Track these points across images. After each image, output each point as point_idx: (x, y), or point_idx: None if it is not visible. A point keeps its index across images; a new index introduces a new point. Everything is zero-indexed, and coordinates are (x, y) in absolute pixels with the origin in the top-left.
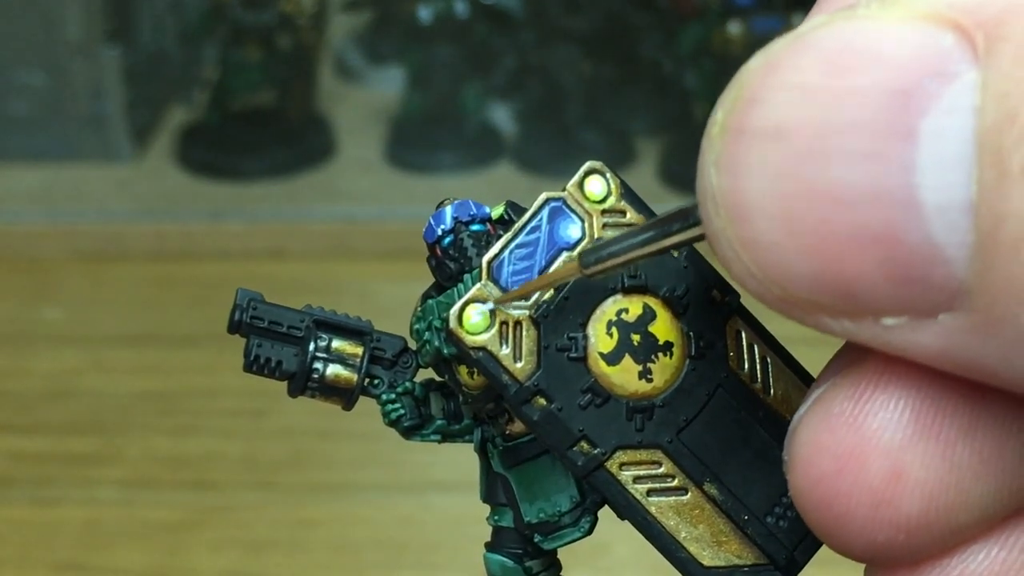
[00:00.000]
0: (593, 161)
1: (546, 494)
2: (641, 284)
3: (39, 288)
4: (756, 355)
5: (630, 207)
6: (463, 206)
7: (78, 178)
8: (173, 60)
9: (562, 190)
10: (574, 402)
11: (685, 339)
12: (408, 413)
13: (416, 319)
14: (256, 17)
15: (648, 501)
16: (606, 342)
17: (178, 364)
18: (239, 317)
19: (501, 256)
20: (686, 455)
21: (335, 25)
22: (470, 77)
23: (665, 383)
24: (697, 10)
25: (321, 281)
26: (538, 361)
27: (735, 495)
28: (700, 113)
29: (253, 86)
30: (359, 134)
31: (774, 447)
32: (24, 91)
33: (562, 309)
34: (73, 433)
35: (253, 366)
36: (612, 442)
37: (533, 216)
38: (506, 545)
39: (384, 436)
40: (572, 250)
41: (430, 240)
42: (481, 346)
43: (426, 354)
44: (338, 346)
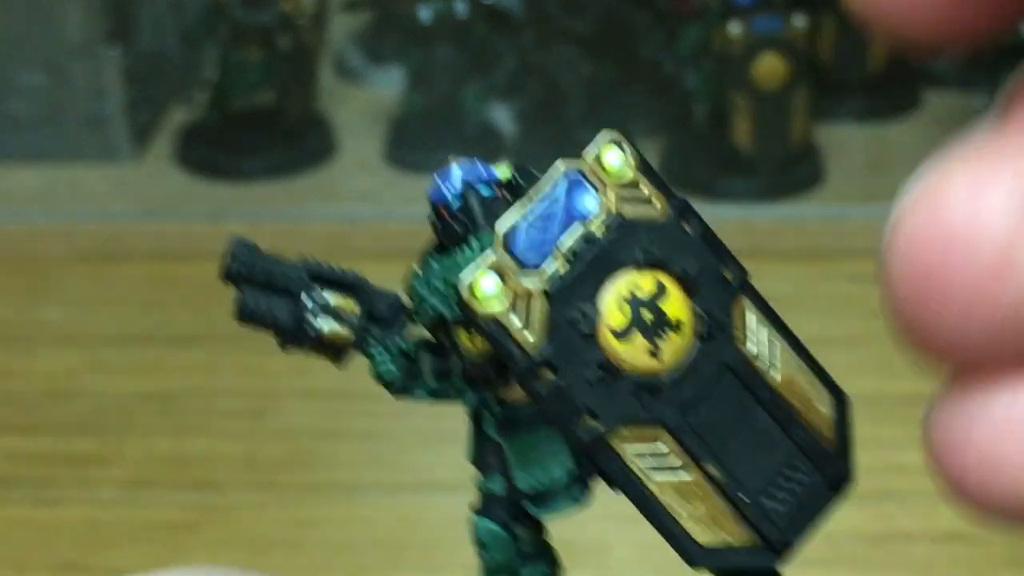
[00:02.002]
0: (610, 130)
1: (541, 463)
2: (656, 260)
3: (39, 288)
4: (763, 336)
5: (647, 180)
6: (472, 168)
7: (78, 178)
8: (173, 60)
9: (578, 159)
10: (581, 377)
11: (695, 318)
12: (400, 372)
13: (415, 279)
14: (256, 17)
15: (649, 478)
16: (617, 318)
17: (178, 364)
18: (233, 266)
19: (517, 226)
20: (689, 434)
21: (335, 25)
22: (470, 77)
23: (673, 361)
24: (697, 10)
25: None
26: (548, 334)
27: (735, 476)
28: (700, 113)
29: (253, 86)
30: (359, 134)
31: (776, 430)
32: (24, 91)
33: (576, 282)
34: (73, 433)
35: (245, 318)
36: (617, 418)
37: (550, 186)
38: (495, 511)
39: (384, 436)
40: (588, 222)
41: (436, 200)
42: (492, 316)
43: (425, 315)
44: (333, 301)
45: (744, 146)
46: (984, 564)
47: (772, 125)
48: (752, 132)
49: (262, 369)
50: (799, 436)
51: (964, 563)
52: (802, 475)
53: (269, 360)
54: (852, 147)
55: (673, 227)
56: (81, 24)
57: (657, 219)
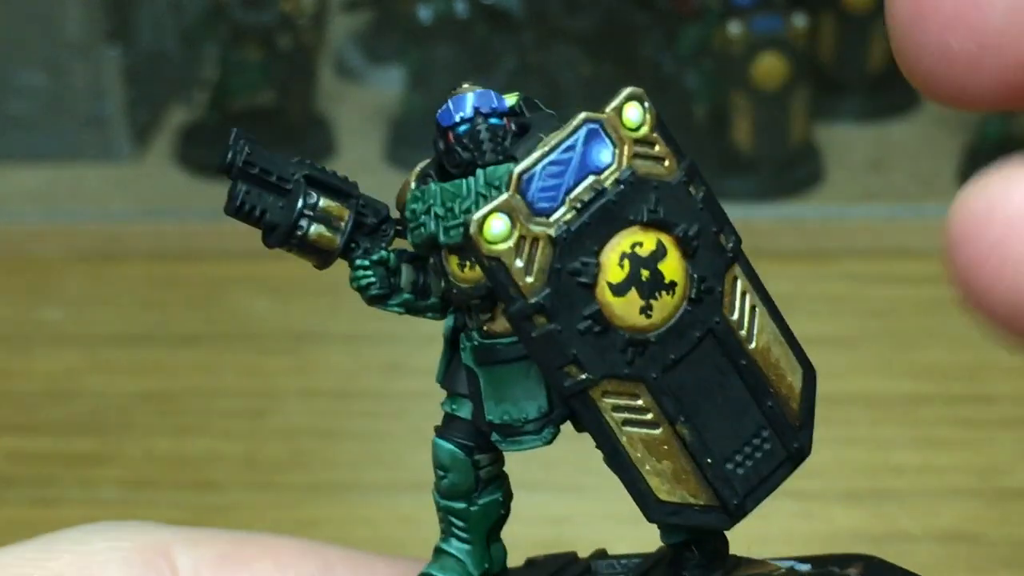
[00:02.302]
0: (634, 87)
1: (514, 399)
2: (660, 220)
3: (39, 288)
4: (747, 304)
5: (661, 140)
6: (485, 96)
7: (78, 178)
8: (173, 60)
9: (601, 112)
10: (574, 326)
11: (688, 280)
12: (378, 282)
13: (413, 198)
14: (256, 17)
15: (622, 430)
16: (616, 273)
17: (178, 364)
18: (231, 158)
19: (532, 170)
20: (666, 393)
21: (335, 25)
22: (470, 77)
23: (662, 320)
24: (697, 10)
25: (321, 281)
26: (548, 280)
27: (703, 438)
28: (700, 113)
29: (253, 86)
30: (359, 134)
31: (747, 398)
32: (24, 91)
33: (581, 233)
34: (73, 433)
35: (237, 211)
36: (602, 370)
37: (569, 135)
38: (457, 434)
39: (384, 436)
40: (600, 174)
41: (445, 123)
42: (496, 255)
43: (419, 236)
44: (325, 205)
45: (744, 146)
46: (984, 564)
47: (772, 125)
48: (752, 132)
49: (262, 369)
50: (768, 407)
51: (964, 563)
52: (766, 444)
53: (269, 360)
54: (852, 147)
55: (680, 189)
56: (81, 24)
57: (666, 178)
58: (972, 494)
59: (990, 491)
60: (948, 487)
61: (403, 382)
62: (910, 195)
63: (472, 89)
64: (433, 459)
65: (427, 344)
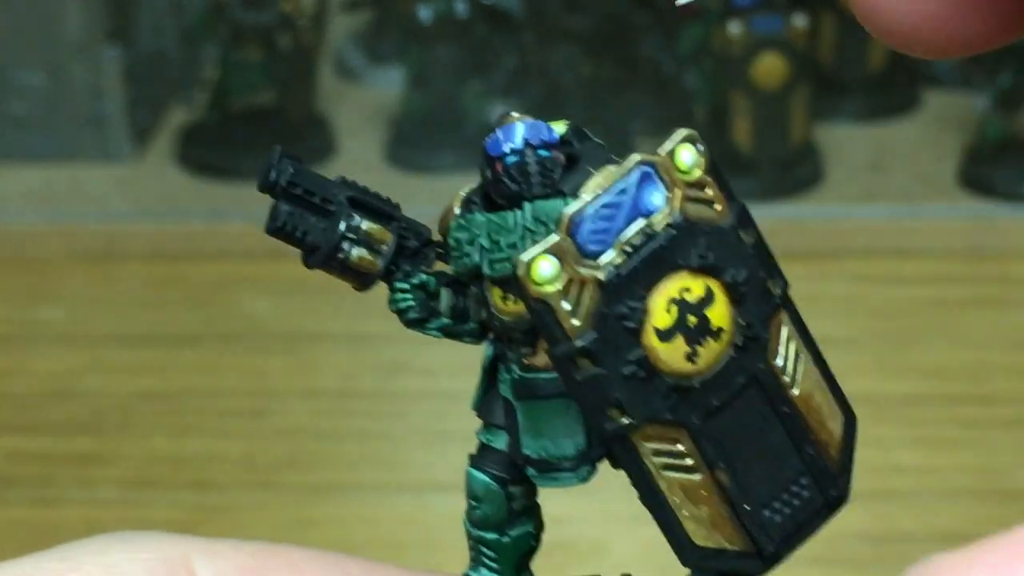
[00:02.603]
0: (688, 129)
1: (552, 435)
2: (709, 265)
3: (39, 288)
4: (791, 350)
5: (713, 183)
6: (535, 128)
7: (78, 178)
8: (173, 60)
9: (654, 154)
10: (619, 370)
11: (735, 327)
12: (417, 306)
13: (457, 226)
14: (256, 17)
15: (661, 475)
16: (663, 318)
17: (178, 364)
18: (274, 177)
19: (584, 212)
20: (707, 439)
21: (335, 25)
22: (470, 77)
23: (707, 367)
24: (697, 10)
25: (321, 281)
26: (594, 323)
27: (741, 484)
28: (700, 113)
29: (253, 86)
30: (359, 134)
31: (788, 445)
32: (24, 91)
33: (630, 277)
34: (73, 433)
35: (278, 231)
36: (644, 415)
37: (622, 177)
38: (492, 465)
39: (384, 436)
40: (651, 218)
41: (493, 153)
42: (543, 297)
43: (462, 266)
44: (367, 228)
45: (744, 146)
46: None
47: (772, 125)
48: (752, 132)
49: (262, 369)
50: (808, 454)
51: None
52: (804, 491)
53: (269, 360)
54: (852, 147)
55: (731, 234)
56: (81, 24)
57: (717, 223)
58: (972, 494)
59: (990, 491)
60: (948, 487)
61: (403, 382)
62: (910, 195)
63: (522, 119)
64: (467, 489)
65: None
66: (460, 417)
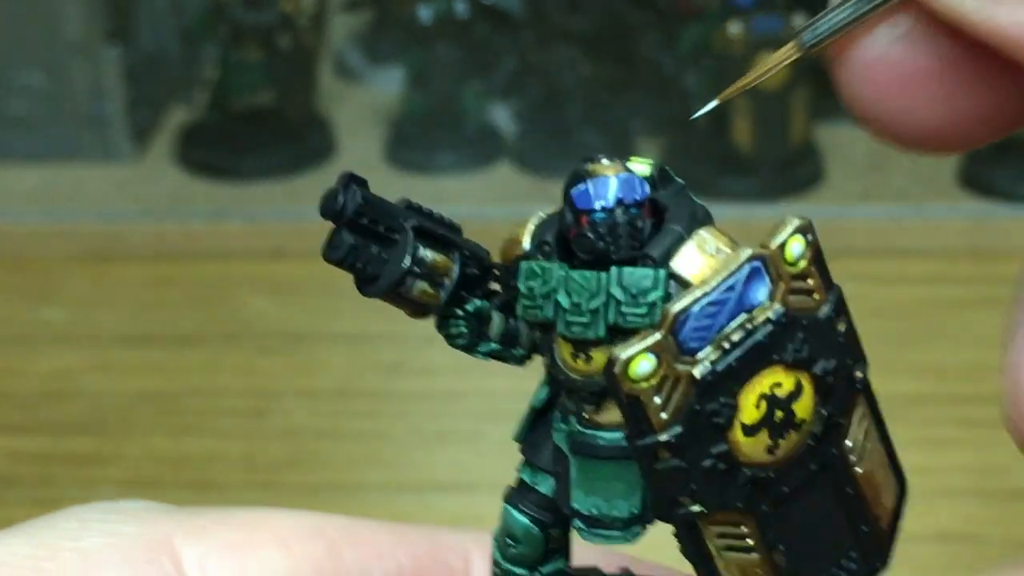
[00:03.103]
0: (801, 218)
1: (607, 495)
2: (803, 360)
3: (39, 288)
4: (862, 429)
5: (816, 272)
6: (629, 185)
7: (78, 178)
8: (173, 60)
9: (762, 246)
10: (700, 463)
11: (816, 418)
12: (469, 333)
13: (531, 273)
14: (256, 17)
15: (721, 555)
16: (752, 414)
17: (178, 364)
18: (343, 205)
19: (690, 311)
20: (772, 524)
21: (335, 25)
22: (470, 77)
23: (784, 457)
24: (697, 10)
25: (321, 281)
26: (682, 418)
27: (795, 563)
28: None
29: (253, 86)
30: (359, 134)
31: (845, 524)
32: (24, 91)
33: (725, 374)
34: (73, 433)
35: (340, 262)
36: (717, 504)
37: (732, 273)
38: (532, 507)
39: (384, 436)
40: (752, 312)
41: (582, 207)
42: (636, 394)
43: (532, 316)
44: (432, 261)
45: (744, 146)
46: (984, 564)
47: (772, 125)
48: (752, 132)
49: (262, 369)
50: (862, 531)
51: (964, 563)
52: (851, 564)
53: (269, 360)
54: (852, 147)
55: (826, 324)
56: (81, 24)
57: (814, 313)
58: (972, 494)
59: (990, 491)
60: (948, 487)
61: (403, 382)
62: (910, 195)
63: (616, 170)
64: (504, 527)
65: (427, 344)
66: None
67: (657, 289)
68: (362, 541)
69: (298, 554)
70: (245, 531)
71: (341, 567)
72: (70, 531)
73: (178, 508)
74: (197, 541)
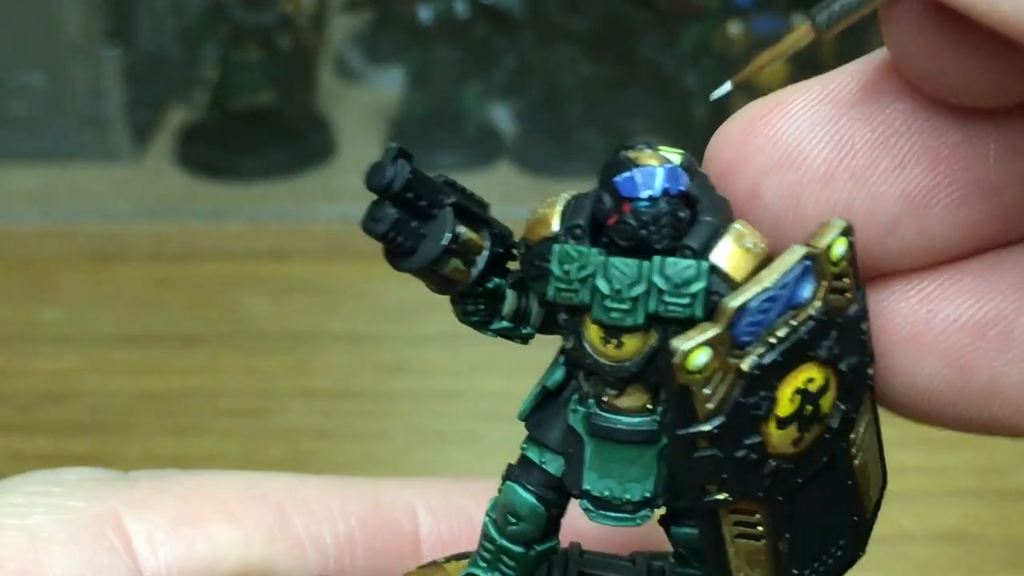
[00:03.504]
0: (844, 220)
1: (621, 478)
2: (834, 357)
3: (39, 288)
4: (864, 422)
5: (851, 273)
6: (674, 175)
7: (78, 178)
8: (173, 60)
9: (809, 245)
10: (733, 453)
11: (835, 412)
12: (484, 310)
13: (565, 256)
14: (256, 17)
15: (733, 541)
16: (786, 407)
17: (178, 364)
18: (392, 178)
19: (748, 305)
20: (782, 513)
21: (335, 25)
22: (470, 77)
23: (805, 449)
24: (697, 10)
25: (321, 281)
26: (725, 409)
27: (796, 550)
28: (700, 113)
29: (253, 86)
30: (359, 134)
31: (842, 513)
32: (24, 91)
33: (770, 368)
34: (73, 433)
35: (383, 236)
36: (741, 493)
37: (788, 270)
38: (536, 485)
39: (384, 436)
40: (797, 309)
41: (625, 194)
42: (688, 385)
43: (564, 299)
44: (467, 239)
45: None
46: (984, 564)
47: None
48: None
49: (262, 369)
50: (853, 520)
51: (964, 563)
52: (839, 552)
53: (269, 360)
54: None
55: (855, 322)
56: (81, 24)
57: (845, 310)
58: (972, 494)
59: (990, 491)
60: (948, 487)
61: (403, 382)
62: None
63: (660, 161)
64: (505, 503)
65: (427, 344)
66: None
67: (700, 280)
68: (310, 505)
69: (248, 525)
70: (192, 501)
71: (292, 535)
72: (15, 506)
73: (120, 475)
74: (143, 514)
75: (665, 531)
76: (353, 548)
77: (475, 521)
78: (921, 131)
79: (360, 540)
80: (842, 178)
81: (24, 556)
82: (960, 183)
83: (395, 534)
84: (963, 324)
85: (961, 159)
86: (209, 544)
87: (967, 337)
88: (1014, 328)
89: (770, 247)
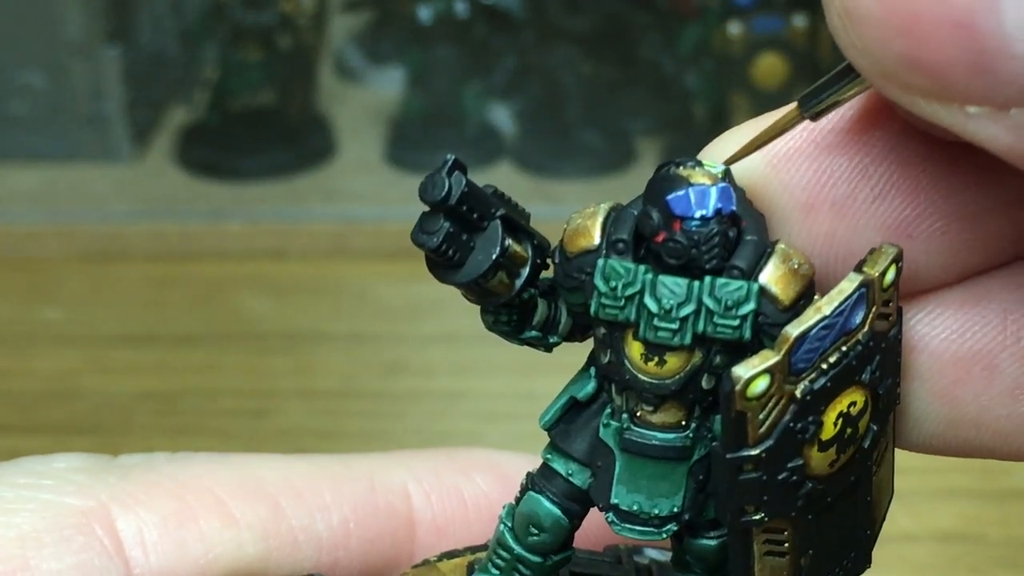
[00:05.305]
0: (896, 246)
1: (650, 493)
2: (875, 380)
3: (39, 288)
4: (885, 441)
5: (895, 297)
6: (726, 195)
7: (78, 178)
8: (173, 60)
9: (863, 272)
10: (776, 475)
11: (868, 432)
12: (515, 320)
13: (611, 272)
14: (256, 17)
15: (760, 558)
16: (829, 431)
17: (178, 364)
18: (448, 190)
19: (808, 334)
20: (811, 531)
21: (335, 25)
22: (470, 77)
23: (839, 469)
24: (697, 10)
25: (321, 281)
26: (774, 433)
27: (815, 565)
28: (700, 113)
29: (253, 86)
30: (359, 134)
31: (858, 528)
32: (24, 91)
33: (820, 394)
34: (73, 433)
35: (435, 249)
36: (776, 512)
37: (846, 298)
38: (565, 499)
39: (384, 436)
40: (848, 335)
41: (678, 213)
42: (745, 411)
43: (608, 315)
44: (513, 251)
45: None
46: (984, 564)
47: None
48: None
49: (262, 369)
50: (865, 534)
51: (964, 563)
52: (849, 564)
53: (269, 360)
54: None
55: (894, 346)
56: (81, 24)
57: (887, 333)
58: (972, 494)
59: (990, 491)
60: (948, 487)
61: (403, 382)
62: None
63: (713, 180)
64: (528, 514)
65: (427, 344)
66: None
67: (749, 302)
68: (304, 494)
69: (241, 522)
70: (182, 500)
71: (286, 529)
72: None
73: (109, 462)
74: (134, 512)
75: (677, 539)
76: (347, 537)
77: (465, 498)
78: (900, 161)
79: (354, 530)
80: (823, 208)
81: (13, 557)
82: (941, 212)
83: (389, 518)
84: (948, 360)
85: (941, 187)
86: (202, 544)
87: (953, 373)
88: (999, 362)
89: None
